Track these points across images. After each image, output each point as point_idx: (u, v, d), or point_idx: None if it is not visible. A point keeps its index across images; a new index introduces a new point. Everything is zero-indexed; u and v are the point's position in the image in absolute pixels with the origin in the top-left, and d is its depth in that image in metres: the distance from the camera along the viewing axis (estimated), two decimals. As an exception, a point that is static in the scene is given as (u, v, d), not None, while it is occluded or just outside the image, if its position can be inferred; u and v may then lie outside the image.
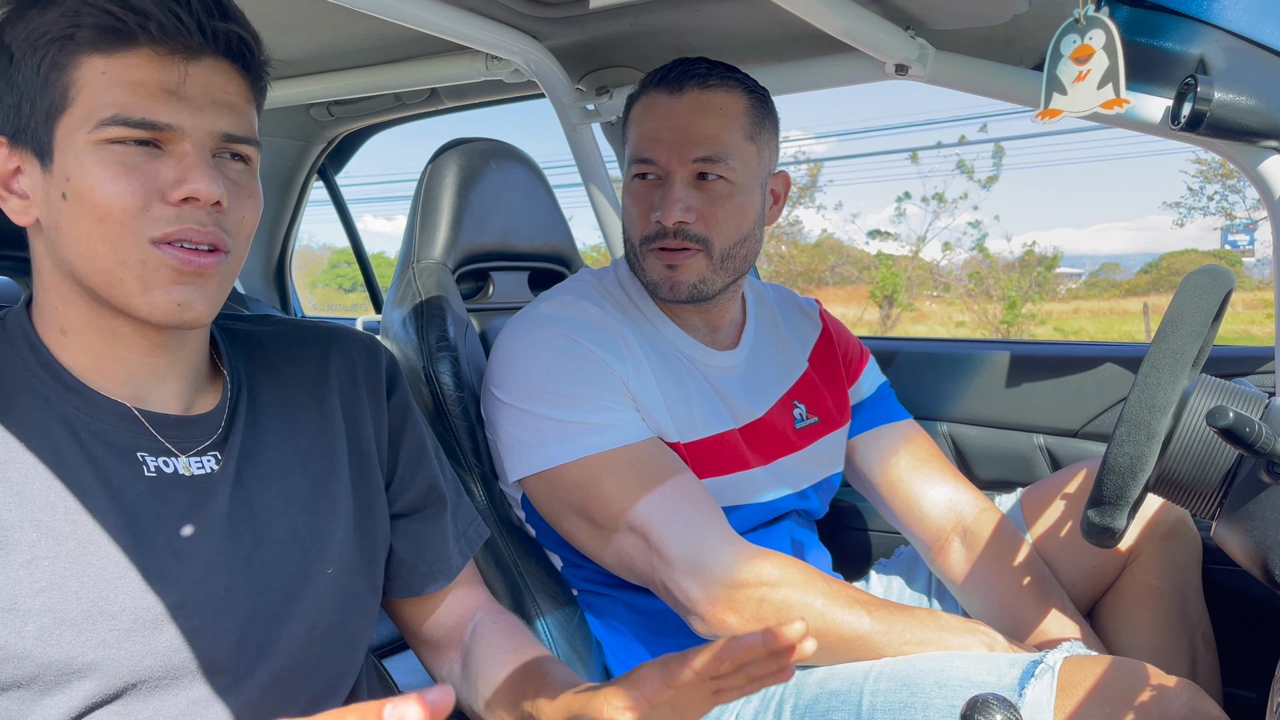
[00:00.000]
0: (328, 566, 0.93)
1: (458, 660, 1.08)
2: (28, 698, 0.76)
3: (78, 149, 0.77)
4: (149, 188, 0.78)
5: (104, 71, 0.77)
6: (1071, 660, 1.08)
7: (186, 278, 0.79)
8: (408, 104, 2.40)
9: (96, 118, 0.76)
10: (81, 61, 0.77)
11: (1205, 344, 1.11)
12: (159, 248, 0.78)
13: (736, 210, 1.33)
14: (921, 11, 1.42)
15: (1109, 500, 1.02)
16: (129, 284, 0.79)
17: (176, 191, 0.78)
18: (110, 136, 0.77)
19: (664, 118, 1.32)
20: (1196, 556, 1.45)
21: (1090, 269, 26.20)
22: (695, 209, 1.30)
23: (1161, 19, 1.28)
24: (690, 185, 1.31)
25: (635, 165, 1.35)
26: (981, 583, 1.44)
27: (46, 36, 0.77)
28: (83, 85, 0.77)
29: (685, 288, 1.33)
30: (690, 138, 1.30)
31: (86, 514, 0.79)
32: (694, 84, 1.31)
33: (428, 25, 1.49)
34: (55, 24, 0.77)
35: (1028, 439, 1.89)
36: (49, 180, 0.79)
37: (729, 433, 1.38)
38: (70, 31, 0.77)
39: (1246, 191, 17.42)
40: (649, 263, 1.34)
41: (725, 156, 1.30)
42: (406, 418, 1.08)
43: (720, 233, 1.32)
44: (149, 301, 0.79)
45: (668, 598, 1.23)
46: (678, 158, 1.30)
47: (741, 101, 1.34)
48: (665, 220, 1.29)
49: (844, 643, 1.19)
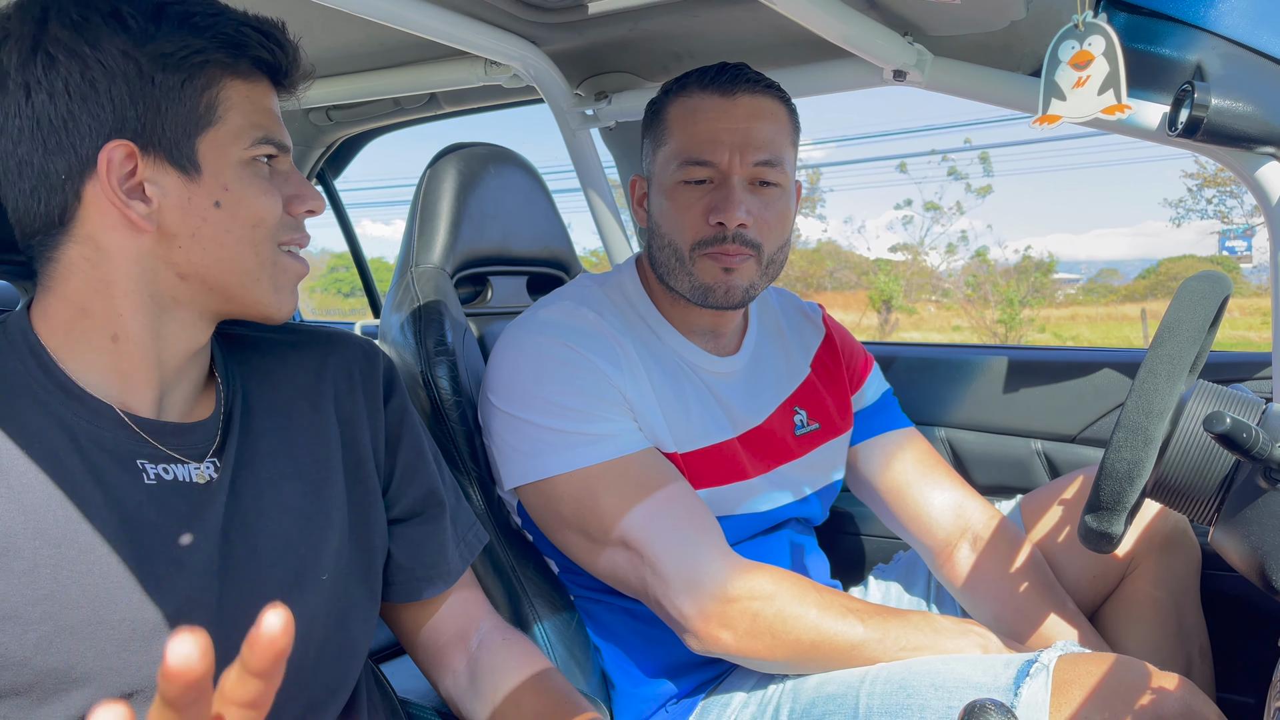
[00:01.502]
0: (322, 573, 0.93)
1: (464, 672, 1.08)
2: (26, 705, 0.76)
3: (232, 163, 0.85)
4: (281, 200, 0.89)
5: (248, 96, 0.86)
6: (1066, 658, 1.08)
7: (298, 281, 0.93)
8: (407, 109, 2.40)
9: (251, 137, 0.86)
10: (226, 83, 0.85)
11: (1203, 350, 1.12)
12: (284, 252, 0.90)
13: (784, 215, 1.33)
14: (919, 17, 1.42)
15: (1106, 505, 1.02)
16: (264, 284, 0.88)
17: (300, 205, 0.91)
18: (260, 154, 0.87)
19: (720, 120, 1.29)
20: (1195, 566, 1.45)
21: (1088, 274, 26.21)
22: (754, 213, 1.29)
23: (1159, 25, 1.28)
24: (748, 189, 1.30)
25: (688, 168, 1.30)
26: (991, 587, 1.44)
27: (201, 55, 0.82)
28: (232, 105, 0.85)
29: (739, 292, 1.31)
30: (751, 141, 1.28)
31: (86, 522, 0.79)
32: (746, 88, 1.30)
33: (427, 30, 1.49)
34: (197, 42, 0.82)
35: (1025, 444, 1.89)
36: (195, 189, 0.83)
37: (727, 442, 1.38)
38: (213, 55, 0.83)
39: (1244, 197, 17.46)
40: (701, 267, 1.31)
41: (780, 162, 1.30)
42: (404, 422, 1.08)
43: (770, 238, 1.32)
44: (279, 303, 0.90)
45: (662, 613, 1.22)
46: (739, 160, 1.28)
47: (784, 109, 1.35)
48: (729, 223, 1.26)
49: (839, 653, 1.19)
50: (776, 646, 1.18)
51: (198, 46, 0.82)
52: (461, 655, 1.08)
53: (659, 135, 1.36)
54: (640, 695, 1.37)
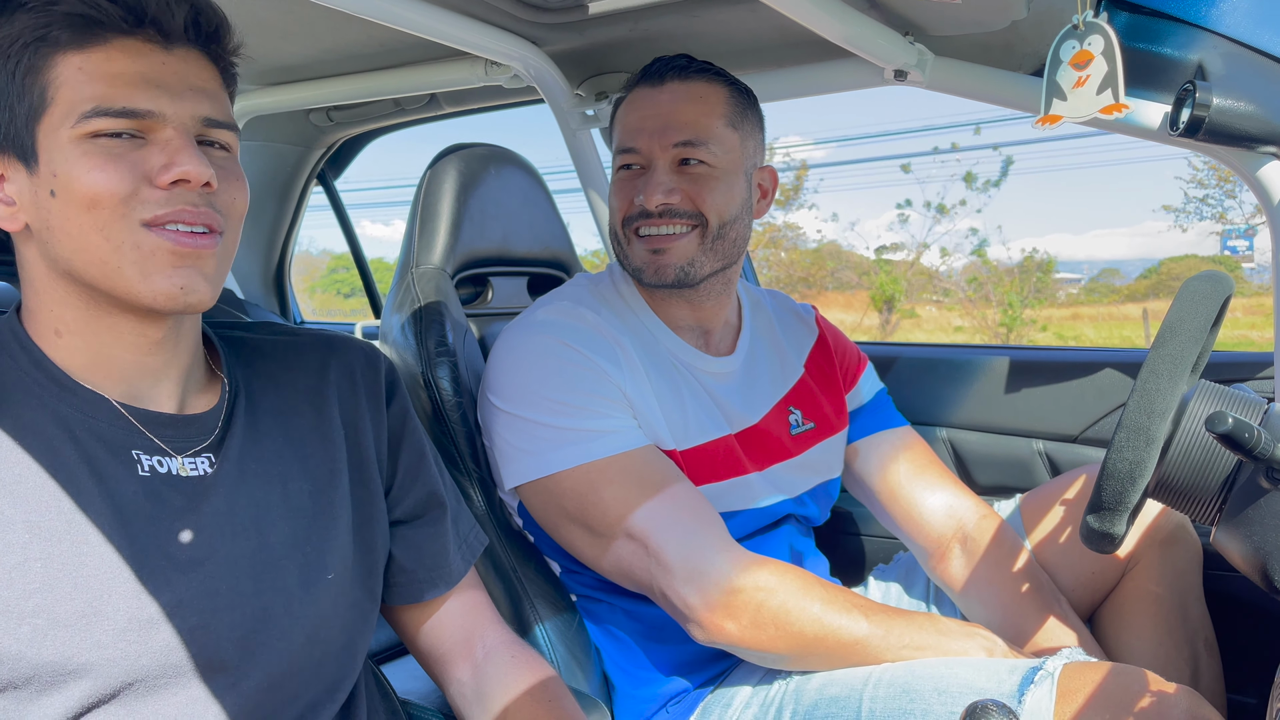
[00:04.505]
0: (328, 572, 0.93)
1: (469, 683, 1.08)
2: (23, 698, 0.76)
3: (61, 146, 0.78)
4: (136, 174, 0.78)
5: (80, 67, 0.77)
6: (1071, 666, 1.07)
7: (185, 259, 0.80)
8: (407, 109, 2.40)
9: (77, 112, 0.77)
10: (57, 61, 0.78)
11: (1204, 349, 1.11)
12: (152, 231, 0.79)
13: (723, 192, 1.35)
14: (920, 17, 1.42)
15: (1108, 505, 1.02)
16: (127, 271, 0.79)
17: (166, 175, 0.78)
18: (92, 129, 0.77)
19: (646, 108, 1.35)
20: (1197, 562, 1.45)
21: (1089, 274, 26.20)
22: (679, 190, 1.32)
23: (1160, 24, 1.28)
24: (672, 170, 1.34)
25: (619, 157, 1.37)
26: (982, 589, 1.44)
27: (19, 41, 0.78)
28: (61, 84, 0.77)
29: (672, 270, 1.34)
30: (670, 124, 1.33)
31: (80, 513, 0.79)
32: (674, 75, 1.35)
33: (428, 31, 1.49)
34: (27, 27, 0.78)
35: (1027, 444, 1.89)
36: (36, 182, 0.79)
37: (725, 438, 1.38)
38: (43, 32, 0.77)
39: (1243, 196, 17.45)
40: (634, 248, 1.36)
41: (706, 141, 1.33)
42: (406, 425, 1.08)
43: (711, 209, 1.34)
44: (151, 288, 0.79)
45: (666, 605, 1.23)
46: (659, 144, 1.33)
47: (722, 91, 1.37)
48: (648, 204, 1.31)
49: (842, 648, 1.19)
50: (780, 638, 1.18)
51: (19, 30, 0.78)
52: (466, 663, 1.08)
53: (611, 134, 1.43)
54: (641, 696, 1.36)
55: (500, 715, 1.05)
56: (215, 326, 1.00)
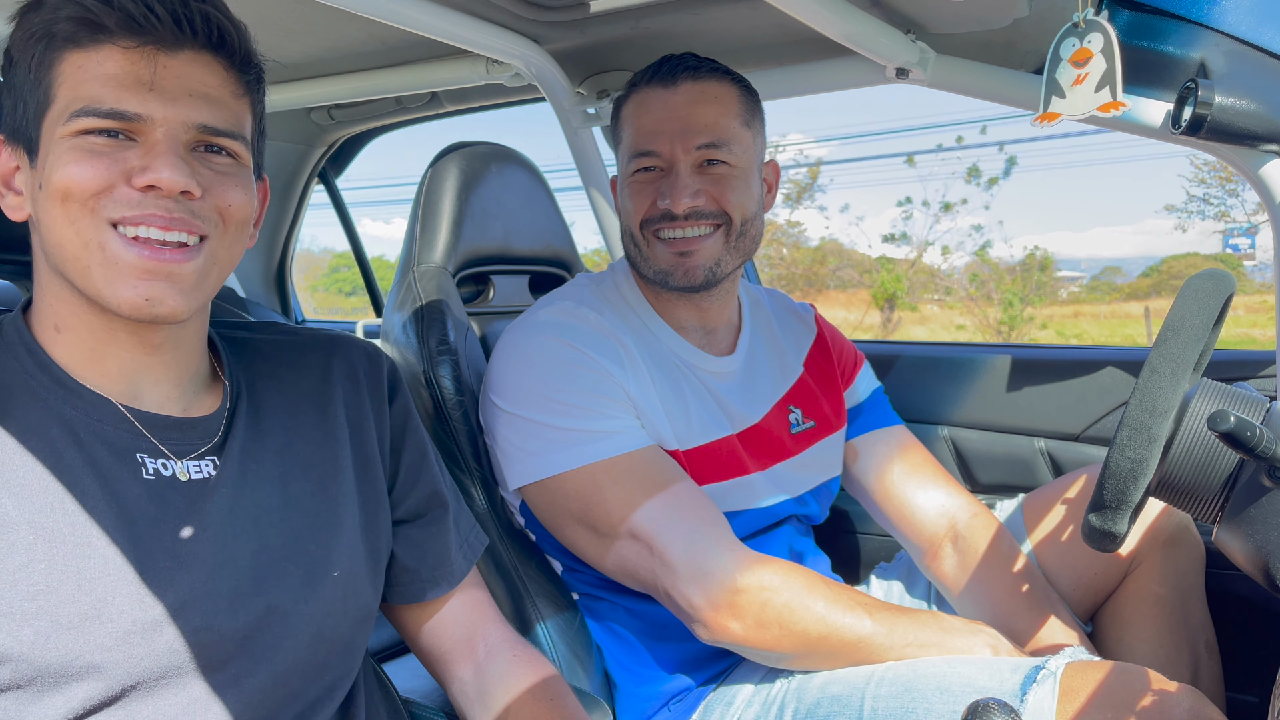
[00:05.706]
0: (334, 570, 0.93)
1: (471, 682, 1.08)
2: (26, 699, 0.76)
3: (55, 141, 0.79)
4: (114, 172, 0.78)
5: (80, 66, 0.79)
6: (1074, 665, 1.07)
7: (151, 274, 0.79)
8: (408, 107, 2.40)
9: (70, 110, 0.78)
10: (63, 58, 0.79)
11: (1206, 348, 1.11)
12: (118, 234, 0.78)
13: (743, 190, 1.35)
14: (922, 15, 1.42)
15: (1110, 504, 1.02)
16: (95, 273, 0.79)
17: (140, 178, 0.78)
18: (81, 128, 0.78)
19: (661, 110, 1.34)
20: (1199, 563, 1.44)
21: (1091, 273, 26.17)
22: (705, 191, 1.32)
23: (1162, 23, 1.28)
24: (695, 172, 1.33)
25: (637, 159, 1.35)
26: (974, 588, 1.44)
27: (34, 36, 0.80)
28: (62, 81, 0.79)
29: (701, 272, 1.34)
30: (691, 126, 1.32)
31: (85, 515, 0.79)
32: (687, 76, 1.34)
33: (429, 29, 1.49)
34: (39, 23, 0.79)
35: (1029, 443, 1.89)
36: (34, 175, 0.81)
37: (727, 438, 1.38)
38: (51, 29, 0.79)
39: (1245, 195, 17.44)
40: (655, 251, 1.35)
41: (728, 142, 1.32)
42: (408, 424, 1.08)
43: (735, 208, 1.33)
44: (116, 294, 0.79)
45: (670, 605, 1.23)
46: (681, 147, 1.32)
47: (733, 90, 1.36)
48: (675, 207, 1.30)
49: (846, 647, 1.19)
50: (784, 637, 1.18)
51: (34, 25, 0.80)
52: (468, 662, 1.08)
53: (618, 134, 1.41)
54: (643, 694, 1.37)
55: (502, 714, 1.05)
56: (217, 326, 1.00)
